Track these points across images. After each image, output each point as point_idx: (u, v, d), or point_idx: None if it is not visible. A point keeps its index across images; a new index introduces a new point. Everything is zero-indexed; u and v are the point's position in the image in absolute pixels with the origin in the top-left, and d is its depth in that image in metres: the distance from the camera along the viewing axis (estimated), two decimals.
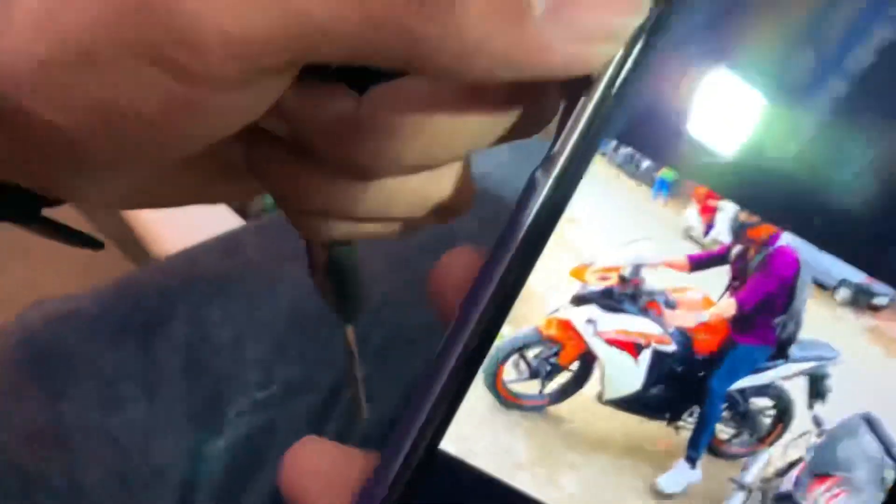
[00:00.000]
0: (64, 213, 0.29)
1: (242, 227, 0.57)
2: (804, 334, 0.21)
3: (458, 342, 0.21)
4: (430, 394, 0.21)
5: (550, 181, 0.21)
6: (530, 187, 0.21)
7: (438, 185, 0.26)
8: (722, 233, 0.21)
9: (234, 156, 0.26)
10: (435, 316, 0.22)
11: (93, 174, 0.24)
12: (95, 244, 0.33)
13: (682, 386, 0.21)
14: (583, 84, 0.21)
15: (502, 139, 0.24)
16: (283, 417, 0.48)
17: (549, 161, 0.21)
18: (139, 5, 0.18)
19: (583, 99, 0.21)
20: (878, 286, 0.21)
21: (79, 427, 0.46)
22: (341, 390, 0.48)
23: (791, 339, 0.21)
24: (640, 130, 0.21)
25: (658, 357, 0.21)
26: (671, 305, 0.21)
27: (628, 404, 0.21)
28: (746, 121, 0.21)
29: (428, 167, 0.24)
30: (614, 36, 0.19)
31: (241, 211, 0.89)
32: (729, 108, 0.20)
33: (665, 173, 0.21)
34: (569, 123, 0.21)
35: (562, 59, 0.18)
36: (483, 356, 0.21)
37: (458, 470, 0.21)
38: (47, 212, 0.28)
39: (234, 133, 0.21)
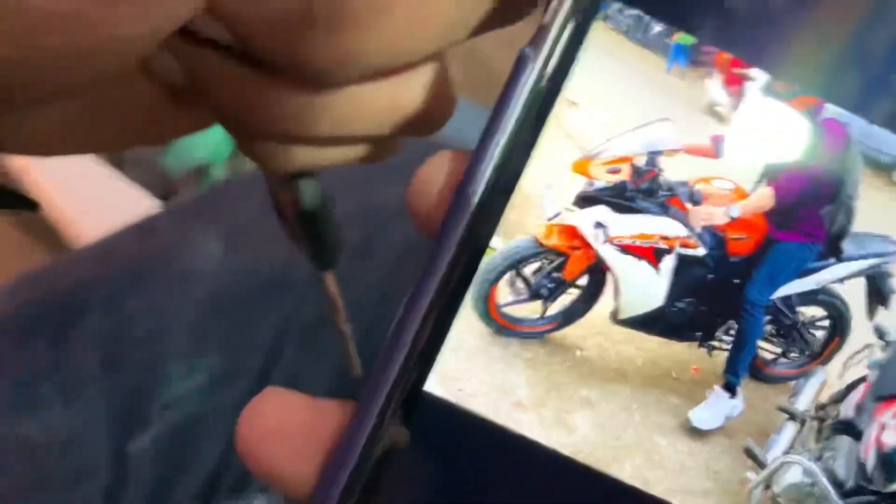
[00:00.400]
0: None
1: (158, 212, 0.54)
2: (859, 226, 0.17)
3: (440, 261, 0.17)
4: (410, 326, 0.17)
5: (541, 57, 0.17)
6: (519, 67, 0.17)
7: (410, 90, 0.22)
8: (753, 107, 0.17)
9: (176, 80, 0.22)
10: (419, 236, 0.18)
11: (13, 109, 0.20)
12: (30, 205, 0.29)
13: (715, 297, 0.17)
14: None
15: (484, 27, 0.20)
16: (210, 407, 0.45)
17: (539, 33, 0.17)
18: None
19: None
20: None
21: None
22: (270, 374, 0.45)
23: (843, 233, 0.17)
24: None
25: (684, 264, 0.17)
26: (696, 200, 0.17)
27: (650, 324, 0.18)
28: None
29: (397, 66, 0.20)
30: None
31: (164, 196, 0.83)
32: None
33: (681, 38, 0.17)
34: None
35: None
36: (470, 276, 0.17)
37: (449, 415, 0.17)
38: None
39: (168, 32, 0.18)
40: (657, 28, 0.17)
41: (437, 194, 0.17)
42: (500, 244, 0.17)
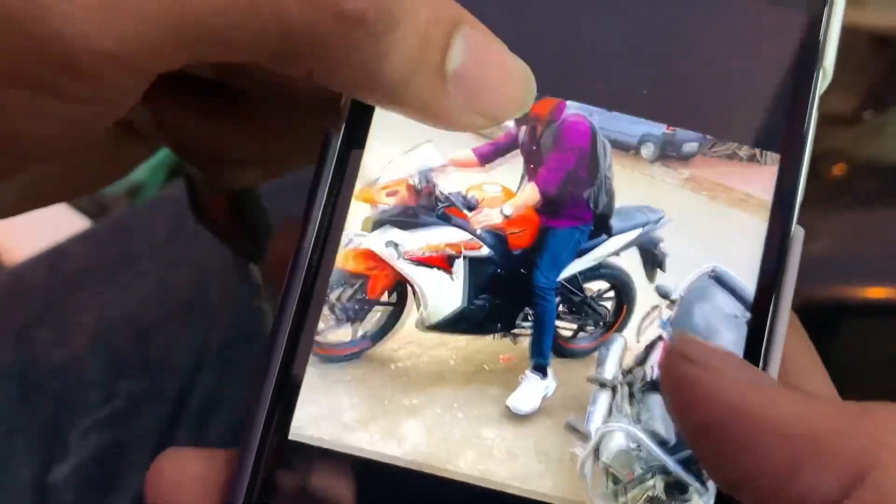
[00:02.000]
0: None
1: (67, 238, 0.53)
2: (620, 202, 0.19)
3: (285, 318, 0.18)
4: (266, 385, 0.18)
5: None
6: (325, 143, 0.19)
7: None
8: None
9: (139, 122, 0.24)
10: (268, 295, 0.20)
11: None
12: None
13: (507, 289, 0.19)
14: None
15: None
16: (130, 432, 0.45)
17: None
18: (10, 33, 0.16)
19: None
20: (682, 133, 0.19)
21: None
22: (189, 395, 0.45)
23: (608, 211, 0.19)
24: None
25: (473, 264, 0.19)
26: (471, 206, 0.19)
27: (455, 324, 0.19)
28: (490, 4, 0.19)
29: None
30: (498, 120, 0.19)
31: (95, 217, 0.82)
32: None
33: None
34: None
35: (454, 123, 0.18)
36: (312, 328, 0.18)
37: (300, 450, 0.18)
38: None
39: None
40: None
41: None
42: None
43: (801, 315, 0.19)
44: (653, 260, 0.19)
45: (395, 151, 0.19)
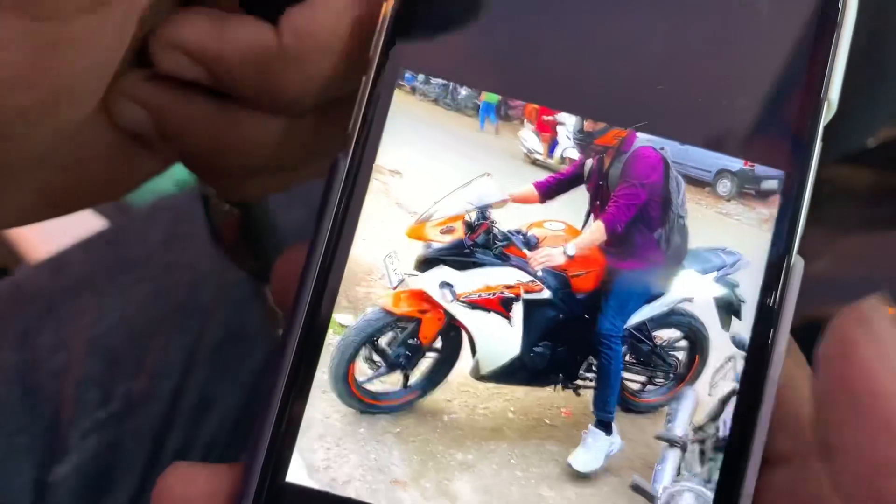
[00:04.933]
0: None
1: (69, 246, 0.55)
2: (694, 243, 0.18)
3: (286, 348, 0.17)
4: (267, 417, 0.17)
5: (356, 132, 0.18)
6: (332, 170, 0.18)
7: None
8: (568, 149, 0.18)
9: (138, 128, 0.23)
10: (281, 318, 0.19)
11: None
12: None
13: (569, 336, 0.18)
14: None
15: None
16: (127, 431, 0.47)
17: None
18: None
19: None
20: (762, 170, 0.18)
21: None
22: (183, 394, 0.47)
23: (681, 252, 0.18)
24: (443, 52, 0.18)
25: (533, 308, 0.17)
26: (531, 245, 0.18)
27: (512, 374, 0.17)
28: (563, 25, 0.18)
29: (339, 95, 0.21)
30: None
31: None
32: (538, 13, 0.18)
33: (488, 97, 0.18)
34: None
35: None
36: (315, 357, 0.17)
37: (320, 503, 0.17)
38: None
39: (110, 65, 0.19)
40: (464, 91, 0.18)
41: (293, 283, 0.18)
42: (351, 320, 0.17)
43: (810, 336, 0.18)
44: (729, 307, 0.17)
45: (450, 185, 0.17)
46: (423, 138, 0.18)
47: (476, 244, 0.18)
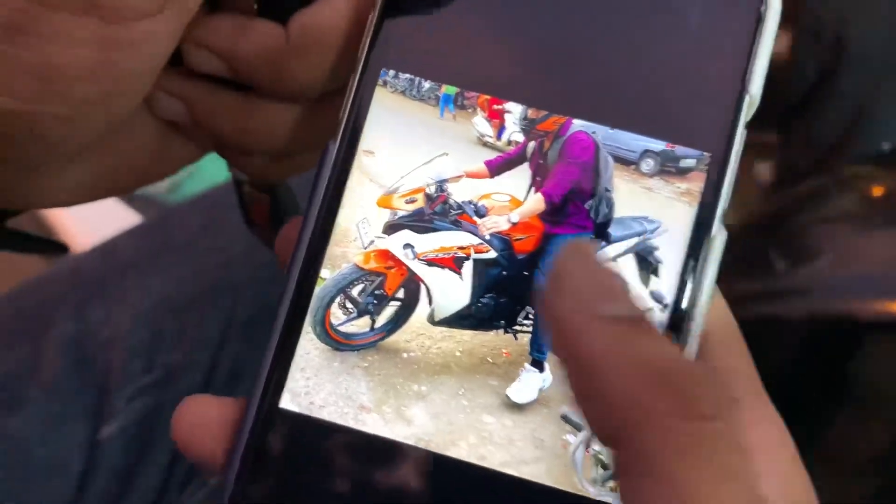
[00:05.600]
0: None
1: (118, 234, 0.60)
2: (619, 212, 0.21)
3: (283, 299, 0.21)
4: (267, 354, 0.21)
5: (343, 120, 0.21)
6: (325, 151, 0.21)
7: None
8: (514, 133, 0.21)
9: (175, 118, 0.27)
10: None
11: (45, 167, 0.25)
12: (60, 248, 0.37)
13: (511, 290, 0.21)
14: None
15: None
16: (168, 398, 0.51)
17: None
18: None
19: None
20: (681, 150, 0.21)
21: None
22: (217, 366, 0.52)
23: (607, 220, 0.21)
24: (415, 54, 0.21)
25: (480, 266, 0.21)
26: (481, 213, 0.21)
27: (461, 320, 0.21)
28: (509, 28, 0.21)
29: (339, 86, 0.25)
30: None
31: None
32: (488, 19, 0.21)
33: (447, 89, 0.21)
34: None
35: None
36: (305, 306, 0.20)
37: (303, 425, 0.20)
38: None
39: (161, 63, 0.23)
40: (427, 85, 0.21)
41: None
42: (329, 274, 0.21)
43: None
44: (647, 266, 0.20)
45: (413, 162, 0.21)
46: (393, 124, 0.21)
47: (434, 212, 0.21)
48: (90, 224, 0.91)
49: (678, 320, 0.20)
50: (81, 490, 0.49)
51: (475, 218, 0.21)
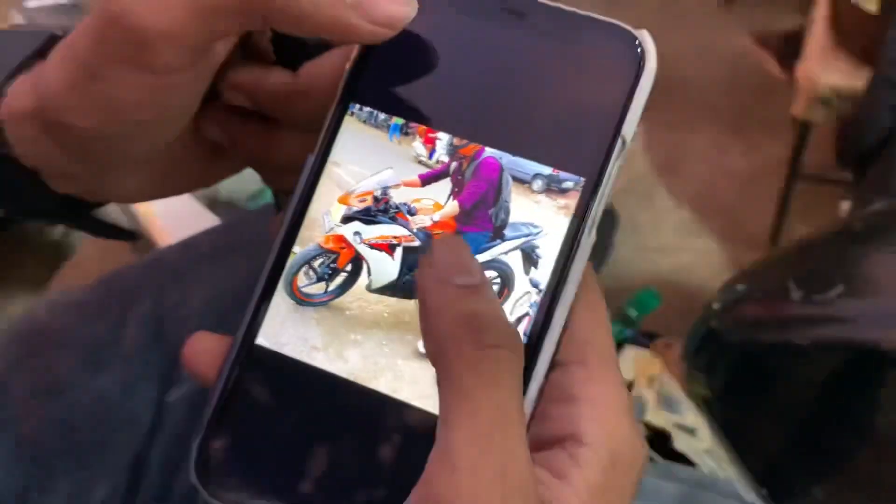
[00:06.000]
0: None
1: (197, 233, 0.70)
2: (513, 219, 0.28)
3: (266, 265, 0.28)
4: (250, 304, 0.28)
5: (317, 149, 0.29)
6: (305, 163, 0.29)
7: None
8: (442, 155, 0.28)
9: (217, 139, 0.35)
10: None
11: (118, 171, 0.34)
12: (133, 236, 0.46)
13: None
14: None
15: None
16: None
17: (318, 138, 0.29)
18: (114, 29, 0.27)
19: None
20: (563, 175, 0.28)
21: (70, 384, 0.58)
22: None
23: (504, 224, 0.28)
24: (375, 94, 0.29)
25: (408, 252, 0.28)
26: (412, 213, 0.28)
27: (390, 290, 0.28)
28: (441, 76, 0.28)
29: None
30: (392, 23, 0.28)
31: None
32: (426, 70, 0.28)
33: (396, 120, 0.29)
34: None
35: (361, 34, 0.28)
36: (280, 272, 0.28)
37: (270, 358, 0.28)
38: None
39: (198, 102, 0.31)
40: (381, 116, 0.29)
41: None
42: (299, 249, 0.28)
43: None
44: (530, 260, 0.27)
45: (367, 172, 0.28)
46: (355, 144, 0.29)
47: (378, 210, 0.28)
48: (181, 224, 1.04)
49: (549, 300, 0.27)
50: (149, 443, 0.58)
51: (407, 216, 0.28)
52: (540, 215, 0.28)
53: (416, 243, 0.28)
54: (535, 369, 0.26)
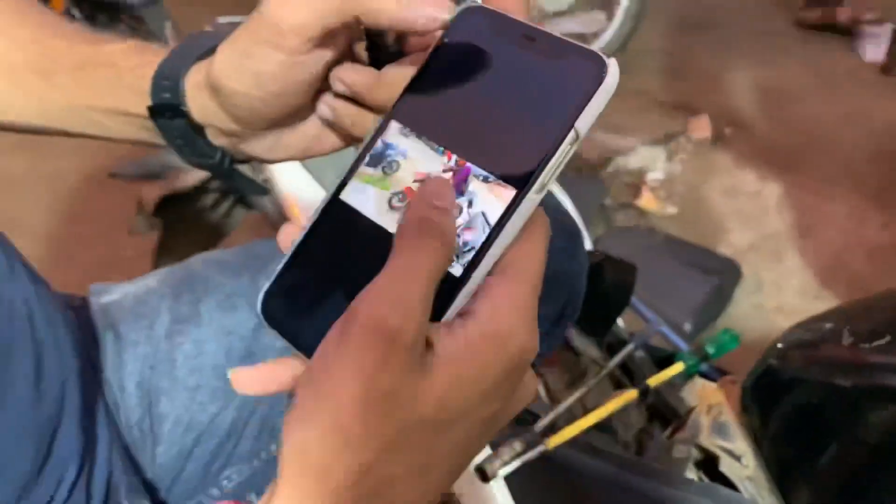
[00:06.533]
0: None
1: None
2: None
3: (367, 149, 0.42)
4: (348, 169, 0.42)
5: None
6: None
7: None
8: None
9: (325, 117, 0.49)
10: None
11: (255, 133, 0.49)
12: (265, 191, 0.59)
13: None
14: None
15: None
16: None
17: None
18: (261, 23, 0.43)
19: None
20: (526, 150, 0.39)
21: (208, 321, 0.74)
22: None
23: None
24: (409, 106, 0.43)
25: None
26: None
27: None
28: (445, 100, 0.42)
29: None
30: (435, 17, 0.41)
31: None
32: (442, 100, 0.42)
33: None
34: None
35: (416, 24, 0.41)
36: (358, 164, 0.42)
37: (350, 213, 0.41)
38: None
39: (315, 83, 0.46)
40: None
41: None
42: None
43: None
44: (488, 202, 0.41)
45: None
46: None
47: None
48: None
49: (489, 237, 0.39)
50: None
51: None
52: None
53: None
54: (468, 280, 0.39)
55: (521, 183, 0.38)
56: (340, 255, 0.41)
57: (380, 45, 0.49)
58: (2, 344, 0.53)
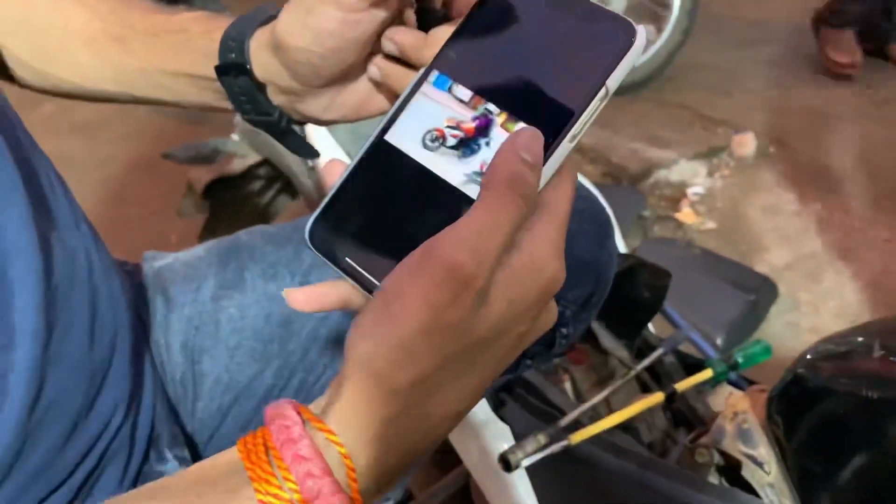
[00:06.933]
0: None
1: None
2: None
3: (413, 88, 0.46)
4: (391, 112, 0.46)
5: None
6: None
7: None
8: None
9: (375, 78, 0.55)
10: None
11: (312, 91, 0.54)
12: (316, 154, 0.64)
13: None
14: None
15: None
16: None
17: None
18: None
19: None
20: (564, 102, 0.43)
21: (251, 287, 0.78)
22: None
23: None
24: (449, 63, 0.46)
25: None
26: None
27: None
28: (484, 51, 0.46)
29: None
30: None
31: None
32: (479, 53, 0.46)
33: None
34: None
35: None
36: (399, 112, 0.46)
37: (391, 151, 0.45)
38: None
39: (368, 39, 0.51)
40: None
41: None
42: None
43: None
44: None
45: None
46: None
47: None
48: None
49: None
50: (308, 347, 0.78)
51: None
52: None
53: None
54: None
55: (556, 132, 0.43)
56: (382, 189, 0.45)
57: (428, 10, 0.54)
58: (65, 280, 0.57)
